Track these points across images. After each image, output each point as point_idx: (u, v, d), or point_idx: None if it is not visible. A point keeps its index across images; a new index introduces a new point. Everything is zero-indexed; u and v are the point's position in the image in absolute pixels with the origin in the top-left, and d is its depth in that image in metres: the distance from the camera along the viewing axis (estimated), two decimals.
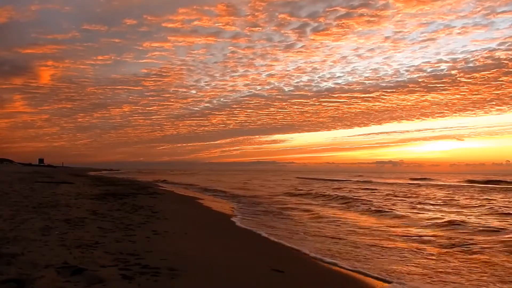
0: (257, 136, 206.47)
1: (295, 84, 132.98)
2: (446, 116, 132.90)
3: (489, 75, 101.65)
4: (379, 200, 21.90)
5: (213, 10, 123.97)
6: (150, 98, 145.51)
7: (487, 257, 7.96)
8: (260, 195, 24.84)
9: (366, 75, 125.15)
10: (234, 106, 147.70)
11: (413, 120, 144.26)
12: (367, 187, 36.36)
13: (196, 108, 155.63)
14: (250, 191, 28.99)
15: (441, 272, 6.85)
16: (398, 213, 15.61)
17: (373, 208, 16.99)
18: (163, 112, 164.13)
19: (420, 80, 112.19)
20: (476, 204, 20.04)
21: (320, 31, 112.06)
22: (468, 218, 13.90)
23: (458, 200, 22.23)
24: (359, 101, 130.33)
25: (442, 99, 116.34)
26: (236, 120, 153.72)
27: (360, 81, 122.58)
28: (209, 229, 10.59)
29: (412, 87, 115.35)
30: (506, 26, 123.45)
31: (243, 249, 8.10)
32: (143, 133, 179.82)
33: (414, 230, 11.47)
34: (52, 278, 4.50)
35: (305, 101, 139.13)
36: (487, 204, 19.54)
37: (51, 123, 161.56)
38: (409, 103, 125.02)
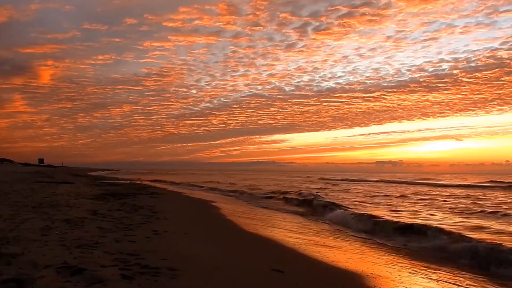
0: (257, 136, 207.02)
1: (296, 83, 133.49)
2: (447, 116, 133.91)
3: (491, 75, 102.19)
4: None
5: (214, 9, 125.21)
6: (151, 98, 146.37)
7: None
8: None
9: (367, 74, 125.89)
10: (235, 106, 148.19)
11: (414, 120, 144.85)
12: None
13: (197, 108, 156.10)
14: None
15: None
16: None
17: None
18: (164, 112, 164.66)
19: (421, 79, 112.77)
20: None
21: (322, 31, 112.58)
22: None
23: None
24: (360, 101, 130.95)
25: (444, 99, 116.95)
26: (237, 120, 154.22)
27: (361, 81, 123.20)
28: (209, 229, 10.59)
29: (414, 87, 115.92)
30: (509, 26, 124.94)
31: (243, 249, 8.10)
32: (143, 133, 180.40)
33: None
34: (52, 278, 4.50)
35: (306, 101, 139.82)
36: None
37: (51, 123, 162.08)
38: (410, 103, 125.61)
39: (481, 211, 16.29)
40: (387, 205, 19.74)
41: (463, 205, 18.85)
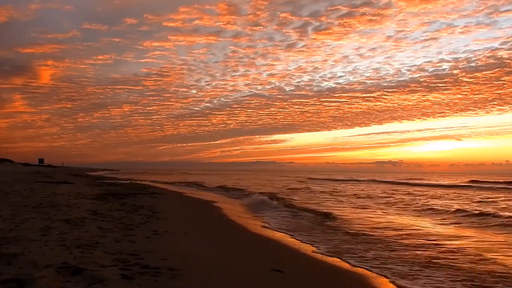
0: (257, 136, 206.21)
1: (296, 83, 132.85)
2: (447, 116, 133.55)
3: (491, 75, 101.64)
4: None
5: (214, 9, 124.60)
6: (151, 98, 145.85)
7: None
8: None
9: (368, 74, 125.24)
10: (235, 106, 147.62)
11: (414, 120, 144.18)
12: None
13: (197, 108, 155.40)
14: None
15: None
16: None
17: None
18: (164, 112, 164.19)
19: (421, 79, 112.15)
20: None
21: (322, 30, 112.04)
22: None
23: None
24: (360, 101, 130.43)
25: (444, 99, 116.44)
26: (237, 120, 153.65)
27: (361, 81, 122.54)
28: (209, 228, 10.59)
29: (414, 86, 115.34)
30: (509, 25, 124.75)
31: (243, 249, 8.10)
32: (143, 133, 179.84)
33: None
34: (52, 278, 4.50)
35: (306, 101, 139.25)
36: None
37: (51, 123, 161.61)
38: (410, 103, 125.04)
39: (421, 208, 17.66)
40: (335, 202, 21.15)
41: (420, 203, 19.73)
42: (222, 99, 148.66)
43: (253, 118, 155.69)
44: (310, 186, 36.31)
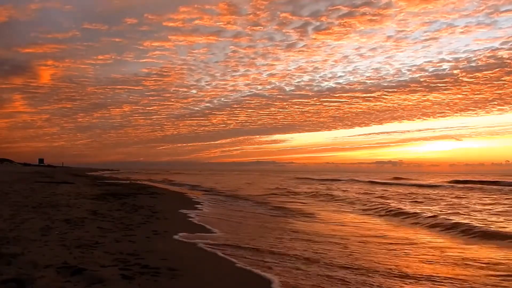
0: (257, 136, 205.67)
1: (296, 83, 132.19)
2: (447, 116, 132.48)
3: (491, 75, 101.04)
4: None
5: (214, 9, 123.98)
6: (151, 98, 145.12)
7: None
8: None
9: (368, 74, 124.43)
10: (235, 106, 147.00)
11: (414, 120, 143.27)
12: None
13: (197, 108, 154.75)
14: None
15: None
16: None
17: None
18: (164, 112, 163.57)
19: (422, 79, 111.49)
20: None
21: (322, 30, 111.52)
22: None
23: None
24: (360, 101, 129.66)
25: (444, 99, 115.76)
26: (237, 120, 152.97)
27: (362, 81, 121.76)
28: None
29: (414, 86, 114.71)
30: (509, 25, 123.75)
31: None
32: (143, 133, 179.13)
33: None
34: (52, 278, 4.50)
35: (306, 101, 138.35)
36: None
37: (51, 123, 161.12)
38: (410, 103, 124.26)
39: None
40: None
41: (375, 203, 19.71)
42: (222, 99, 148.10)
43: (253, 118, 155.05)
44: (288, 187, 36.34)
